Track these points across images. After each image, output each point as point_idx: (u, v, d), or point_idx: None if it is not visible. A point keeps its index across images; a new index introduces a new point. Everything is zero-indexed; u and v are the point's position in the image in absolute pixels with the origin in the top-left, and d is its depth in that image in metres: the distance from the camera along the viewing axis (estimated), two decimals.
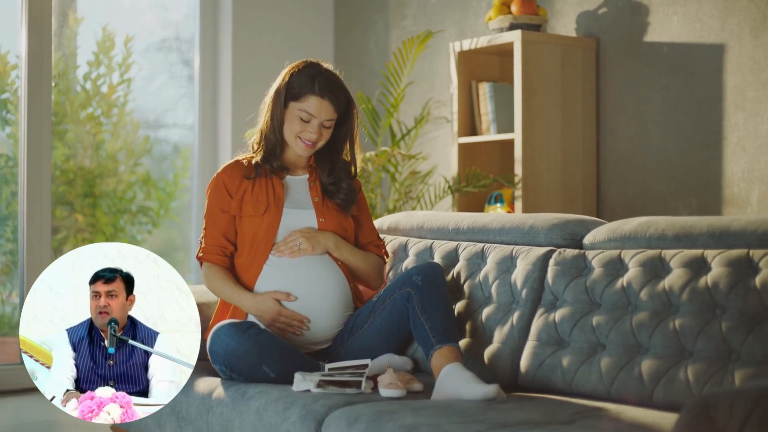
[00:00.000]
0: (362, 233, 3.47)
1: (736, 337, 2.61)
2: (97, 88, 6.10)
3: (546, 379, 2.97)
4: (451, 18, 5.20)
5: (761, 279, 2.62)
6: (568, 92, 4.53)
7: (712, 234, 2.83)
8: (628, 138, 4.49)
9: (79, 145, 6.08)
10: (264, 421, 2.84)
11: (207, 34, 5.78)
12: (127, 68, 6.12)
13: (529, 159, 4.44)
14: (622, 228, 3.06)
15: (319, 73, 3.31)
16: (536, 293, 3.11)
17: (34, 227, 5.21)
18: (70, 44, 6.09)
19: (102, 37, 6.07)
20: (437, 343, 3.00)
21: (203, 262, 3.36)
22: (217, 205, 3.34)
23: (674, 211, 4.30)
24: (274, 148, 3.37)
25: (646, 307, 2.82)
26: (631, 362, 2.77)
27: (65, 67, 6.07)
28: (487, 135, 4.63)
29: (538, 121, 4.46)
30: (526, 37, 4.44)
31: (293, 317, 3.23)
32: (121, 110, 6.20)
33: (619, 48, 4.53)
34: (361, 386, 2.90)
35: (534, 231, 3.26)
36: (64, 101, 6.03)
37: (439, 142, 5.20)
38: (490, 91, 4.62)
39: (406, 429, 2.49)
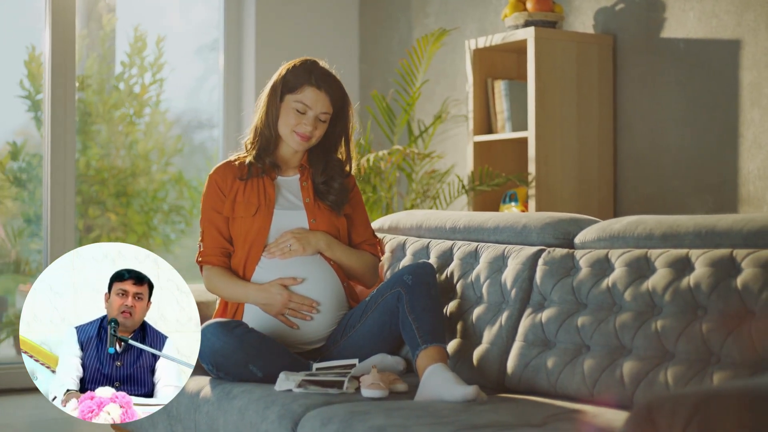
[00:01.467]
0: (356, 232, 3.45)
1: (716, 339, 2.55)
2: (130, 88, 6.16)
3: (531, 380, 2.93)
4: (472, 15, 5.17)
5: (742, 280, 2.56)
6: (583, 89, 4.47)
7: (699, 233, 2.78)
8: (646, 135, 4.42)
9: (112, 145, 6.14)
10: (245, 420, 2.84)
11: (231, 35, 5.80)
12: (159, 68, 6.17)
13: (543, 157, 4.39)
14: (612, 227, 3.01)
15: (315, 67, 3.33)
16: (525, 293, 3.07)
17: (57, 227, 5.26)
18: (103, 45, 6.16)
19: (134, 38, 6.13)
20: (423, 344, 2.98)
21: (203, 266, 3.35)
22: (212, 207, 3.35)
23: (690, 209, 4.23)
24: (268, 143, 3.36)
25: (629, 307, 2.77)
26: (614, 364, 2.73)
27: (99, 68, 6.13)
28: (502, 133, 4.59)
29: (553, 119, 4.41)
30: (540, 34, 4.39)
31: (303, 301, 3.22)
32: (154, 110, 6.25)
33: (635, 44, 4.46)
34: (343, 386, 2.89)
35: (527, 230, 3.22)
36: (98, 101, 6.10)
37: (458, 140, 5.16)
38: (505, 89, 4.57)
39: (376, 430, 2.47)
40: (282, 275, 3.25)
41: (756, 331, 2.46)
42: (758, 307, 2.51)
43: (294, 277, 3.23)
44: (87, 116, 6.14)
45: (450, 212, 3.56)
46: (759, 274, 2.54)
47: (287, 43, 5.76)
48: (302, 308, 3.23)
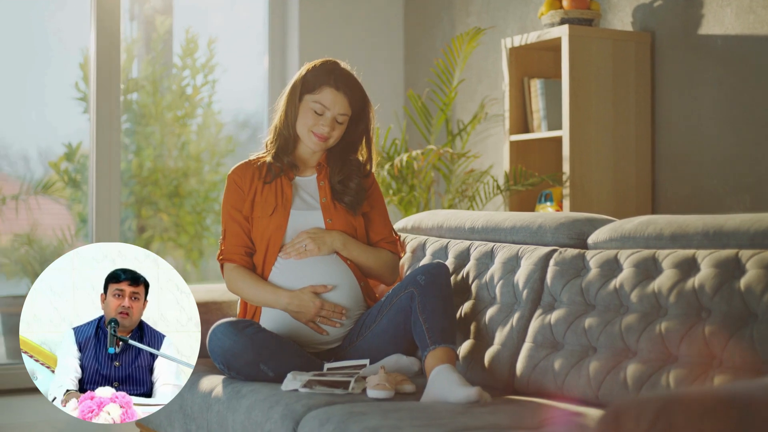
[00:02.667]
0: (374, 230, 3.44)
1: (719, 342, 2.49)
2: (182, 89, 6.23)
3: (539, 382, 2.90)
4: (513, 14, 5.13)
5: (746, 281, 2.50)
6: (619, 88, 4.41)
7: (707, 233, 2.72)
8: (684, 134, 4.34)
9: (165, 146, 6.22)
10: (251, 419, 2.85)
11: (275, 37, 5.83)
12: (211, 70, 6.23)
13: (578, 157, 4.33)
14: (623, 227, 2.97)
15: (335, 68, 3.34)
16: (536, 294, 3.04)
17: (103, 227, 5.34)
18: (157, 47, 6.23)
19: (186, 40, 6.20)
20: (432, 344, 2.97)
21: (225, 263, 3.36)
22: (232, 206, 3.36)
23: (728, 209, 4.14)
24: (287, 143, 3.37)
25: (636, 309, 2.73)
26: (618, 366, 2.68)
27: (153, 70, 6.22)
28: (538, 132, 4.55)
29: (588, 118, 4.35)
30: (574, 32, 4.34)
31: (335, 308, 3.23)
32: (206, 111, 6.32)
33: (674, 41, 4.39)
34: (349, 387, 2.88)
35: (542, 230, 3.19)
36: (151, 103, 6.18)
37: (497, 139, 5.13)
38: (541, 88, 4.53)
39: (369, 430, 2.47)
40: (298, 276, 3.26)
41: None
42: (760, 309, 2.45)
43: (325, 284, 3.23)
44: (141, 118, 6.23)
45: (470, 212, 3.54)
46: (762, 275, 2.48)
47: (331, 44, 5.77)
48: (333, 315, 3.23)
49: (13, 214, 6.15)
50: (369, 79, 5.68)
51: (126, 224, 6.30)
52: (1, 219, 6.12)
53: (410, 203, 4.57)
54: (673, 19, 4.38)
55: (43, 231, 6.19)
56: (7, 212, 6.12)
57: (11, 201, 6.14)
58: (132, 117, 6.27)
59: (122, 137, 6.22)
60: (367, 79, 5.66)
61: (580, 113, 4.34)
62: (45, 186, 6.16)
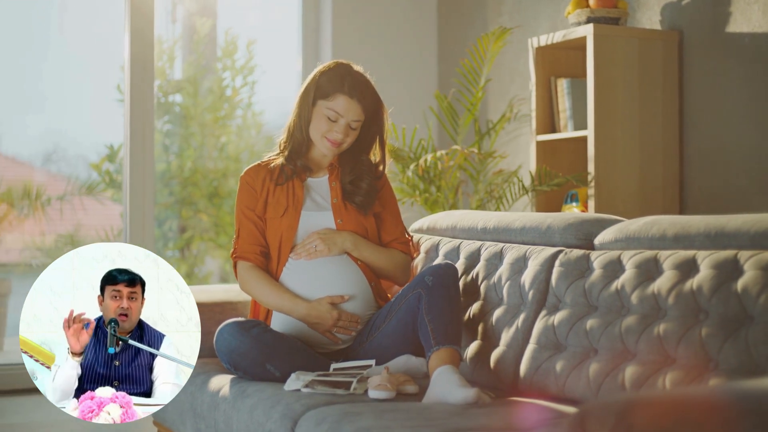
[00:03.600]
0: (386, 230, 3.44)
1: (714, 344, 2.46)
2: (222, 90, 6.28)
3: (541, 383, 2.88)
4: (544, 13, 5.10)
5: (743, 282, 2.46)
6: (646, 87, 4.36)
7: (708, 234, 2.68)
8: (713, 133, 4.28)
9: (205, 147, 6.27)
10: (254, 419, 2.87)
11: (309, 36, 5.85)
12: (250, 71, 6.28)
13: (603, 156, 4.29)
14: (628, 228, 2.94)
15: (348, 73, 3.32)
16: (542, 295, 3.02)
17: (136, 228, 5.39)
18: (198, 48, 6.29)
19: (225, 42, 6.25)
20: (436, 345, 2.96)
21: (238, 261, 3.37)
22: (246, 206, 3.37)
23: (756, 208, 4.07)
24: (300, 146, 3.38)
25: (636, 310, 2.70)
26: (617, 369, 2.66)
27: (194, 72, 6.28)
28: (564, 132, 4.51)
29: (613, 118, 4.31)
30: (599, 31, 4.30)
31: (352, 318, 3.24)
32: (245, 112, 6.37)
33: (702, 40, 4.33)
34: (350, 387, 2.89)
35: (550, 231, 3.16)
36: (192, 105, 6.24)
37: (526, 139, 5.10)
38: (568, 87, 4.50)
39: (361, 430, 2.47)
40: (309, 276, 3.27)
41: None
42: (756, 311, 2.41)
43: (342, 295, 3.24)
44: (182, 119, 6.30)
45: (483, 213, 3.52)
46: (759, 276, 2.44)
47: (363, 45, 5.77)
48: (350, 325, 3.24)
49: (58, 214, 6.25)
50: (401, 78, 5.71)
51: (167, 224, 6.38)
52: (46, 219, 6.22)
53: (435, 203, 4.56)
54: (701, 17, 4.32)
55: (86, 231, 6.28)
56: (51, 213, 6.22)
57: (56, 202, 6.24)
58: (173, 118, 6.34)
59: (163, 138, 6.29)
60: (399, 79, 5.70)
61: (606, 113, 4.30)
62: (89, 187, 6.25)
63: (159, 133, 6.30)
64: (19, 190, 6.12)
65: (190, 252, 6.29)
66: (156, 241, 6.36)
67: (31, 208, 6.16)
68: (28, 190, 6.15)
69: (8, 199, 6.11)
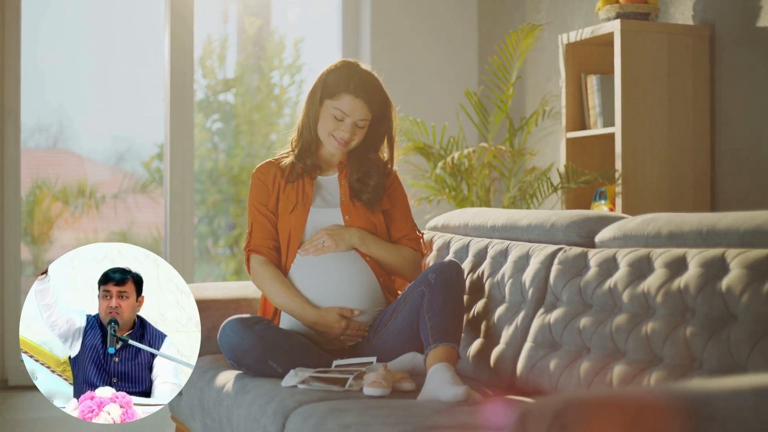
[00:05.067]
0: (395, 227, 3.44)
1: (698, 343, 2.43)
2: (270, 89, 6.34)
3: (536, 382, 2.87)
4: (580, 9, 5.05)
5: (728, 281, 2.42)
6: (675, 83, 4.30)
7: (700, 232, 2.64)
8: (746, 130, 4.20)
9: (254, 145, 6.34)
10: (251, 414, 2.90)
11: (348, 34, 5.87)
12: (298, 70, 6.32)
13: (630, 153, 4.24)
14: (626, 225, 2.90)
15: (355, 72, 3.32)
16: (541, 293, 3.00)
17: (176, 226, 5.46)
18: (247, 48, 6.36)
19: (274, 41, 6.30)
20: (434, 342, 2.96)
21: (251, 255, 3.39)
22: (259, 201, 3.40)
23: None
24: (309, 145, 3.41)
25: (626, 309, 2.67)
26: (606, 367, 2.63)
27: (243, 71, 6.34)
28: (594, 129, 4.47)
29: (641, 114, 4.25)
30: (627, 27, 4.25)
31: (358, 328, 3.26)
32: (293, 110, 6.41)
33: (734, 34, 4.25)
34: (346, 384, 2.90)
35: (554, 228, 3.14)
36: (241, 103, 6.31)
37: (558, 137, 5.06)
38: (597, 84, 4.45)
39: (342, 427, 2.49)
40: (316, 272, 3.28)
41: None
42: (739, 310, 2.37)
43: (352, 309, 3.26)
44: (232, 117, 6.37)
45: (494, 211, 3.51)
46: (744, 275, 2.40)
47: (403, 43, 5.77)
48: (357, 334, 3.26)
49: (112, 212, 6.36)
50: (441, 76, 5.70)
51: (216, 222, 6.45)
52: (99, 217, 6.34)
53: (464, 201, 4.55)
54: (732, 11, 4.24)
55: (138, 229, 6.38)
56: (105, 210, 6.34)
57: (111, 200, 6.35)
58: (223, 117, 6.42)
59: (212, 136, 6.37)
60: (439, 76, 5.70)
61: (633, 109, 4.24)
62: (143, 185, 6.35)
63: (208, 132, 6.38)
64: (74, 188, 6.25)
65: (239, 249, 6.36)
66: (206, 238, 6.45)
67: (85, 206, 6.28)
68: (83, 188, 6.26)
69: (63, 197, 6.24)
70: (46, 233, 6.25)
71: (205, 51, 6.20)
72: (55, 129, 6.29)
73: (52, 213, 6.24)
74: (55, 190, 6.20)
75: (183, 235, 5.42)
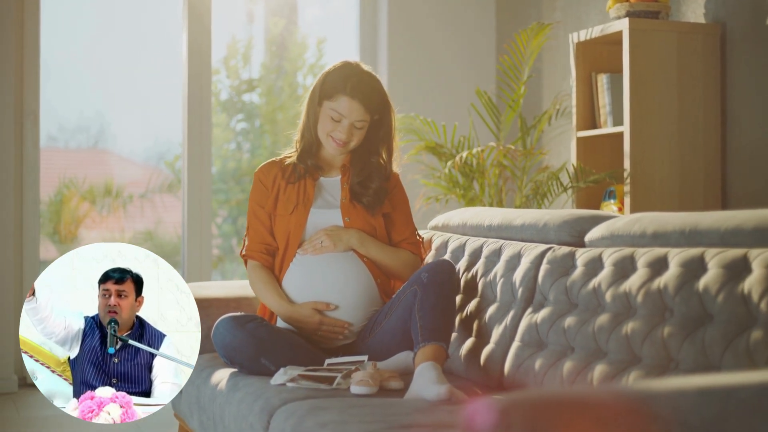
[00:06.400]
0: (396, 230, 3.46)
1: (675, 343, 2.41)
2: (293, 89, 6.36)
3: (521, 381, 2.87)
4: (595, 8, 5.02)
5: (705, 281, 2.41)
6: (685, 82, 4.26)
7: (683, 232, 2.63)
8: (757, 128, 4.16)
9: (278, 145, 6.37)
10: (240, 412, 2.92)
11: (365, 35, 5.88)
12: (320, 70, 6.33)
13: (639, 153, 4.21)
14: (615, 225, 2.89)
15: (353, 74, 3.33)
16: (530, 292, 3.00)
17: (194, 227, 5.50)
18: (271, 48, 6.39)
19: (297, 41, 6.32)
20: (422, 341, 2.97)
21: (247, 260, 3.45)
22: (257, 203, 3.44)
23: None
24: (310, 146, 3.43)
25: (609, 309, 2.67)
26: (588, 367, 2.63)
27: (266, 71, 6.38)
28: (605, 128, 4.45)
29: (650, 113, 4.23)
30: (636, 25, 4.22)
31: (334, 324, 3.27)
32: None
33: (745, 33, 4.21)
34: (334, 382, 2.91)
35: (546, 228, 3.14)
36: (264, 104, 6.34)
37: (570, 136, 5.03)
38: (607, 83, 4.43)
39: (319, 425, 2.51)
40: (313, 271, 3.30)
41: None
42: (715, 310, 2.36)
43: (328, 303, 3.28)
44: (256, 117, 6.40)
45: (491, 210, 3.51)
46: (720, 275, 2.38)
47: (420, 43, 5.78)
48: (334, 330, 3.27)
49: (138, 211, 6.42)
50: (459, 75, 5.69)
51: (239, 221, 6.49)
52: (126, 216, 6.40)
53: (473, 200, 4.55)
54: (743, 9, 4.21)
55: (164, 228, 6.44)
56: (132, 210, 6.40)
57: (138, 199, 6.41)
58: (247, 117, 6.45)
59: (236, 136, 6.41)
60: (457, 75, 5.68)
61: (642, 108, 4.22)
62: (170, 185, 6.41)
63: (232, 132, 6.42)
64: (101, 187, 6.31)
65: None
66: (230, 237, 6.49)
67: (111, 206, 6.35)
68: (109, 187, 6.33)
69: (90, 197, 6.31)
70: (74, 232, 6.32)
71: (230, 51, 6.24)
72: (95, 130, 6.37)
73: (80, 212, 6.32)
74: (83, 190, 6.27)
75: (201, 236, 5.46)
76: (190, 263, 5.52)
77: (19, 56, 5.27)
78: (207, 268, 5.47)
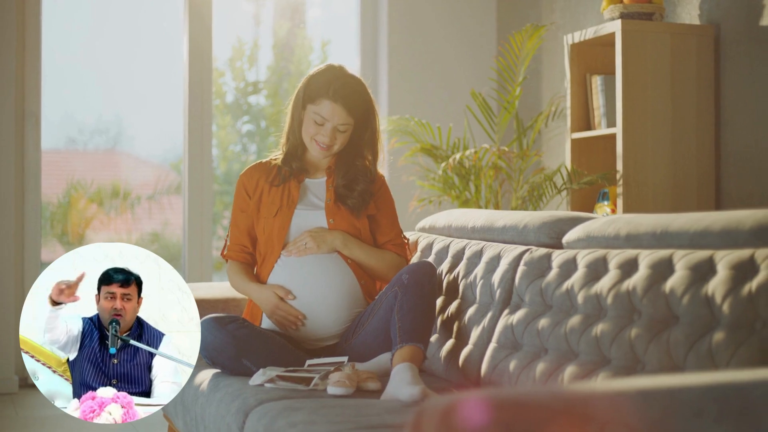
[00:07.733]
0: (381, 232, 3.46)
1: (641, 345, 2.42)
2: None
3: (497, 383, 2.87)
4: (592, 9, 5.02)
5: (671, 283, 2.41)
6: (679, 84, 4.25)
7: (654, 234, 2.63)
8: (751, 130, 4.14)
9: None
10: (219, 412, 2.94)
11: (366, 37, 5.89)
12: None
13: (632, 154, 4.21)
14: (591, 226, 2.90)
15: (336, 78, 3.34)
16: (508, 294, 3.01)
17: (195, 231, 5.52)
18: (275, 50, 6.41)
19: (301, 43, 6.34)
20: (400, 342, 2.98)
21: (228, 260, 3.49)
22: (238, 206, 3.48)
23: None
24: (295, 149, 3.45)
25: (581, 310, 2.67)
26: (559, 369, 2.64)
27: (271, 74, 6.40)
28: (598, 130, 4.44)
29: (643, 115, 4.22)
30: (628, 27, 4.22)
31: (289, 312, 3.29)
32: None
33: (739, 34, 4.19)
34: (311, 383, 2.93)
35: (526, 230, 3.14)
36: (270, 106, 6.36)
37: (565, 138, 5.03)
38: (601, 84, 4.42)
39: (289, 425, 2.52)
40: (296, 272, 3.32)
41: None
42: (680, 311, 2.36)
43: (289, 291, 3.30)
44: (262, 119, 6.43)
45: (475, 212, 3.51)
46: (687, 276, 2.39)
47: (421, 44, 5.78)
48: (288, 318, 3.29)
49: (146, 213, 6.45)
50: (460, 78, 5.69)
51: None
52: (133, 218, 6.43)
53: (467, 202, 4.55)
54: (737, 11, 4.19)
55: (172, 229, 6.47)
56: (139, 212, 6.44)
57: (146, 201, 6.45)
58: (252, 119, 6.48)
59: (241, 138, 6.44)
60: (458, 78, 5.69)
61: (635, 109, 4.21)
62: (177, 187, 6.44)
63: (238, 134, 6.45)
64: (108, 189, 6.35)
65: None
66: None
67: (119, 208, 6.38)
68: (117, 189, 6.37)
69: (98, 199, 6.34)
70: (81, 234, 6.36)
71: (235, 53, 6.26)
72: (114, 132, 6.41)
73: (88, 214, 6.36)
74: (90, 192, 6.31)
75: (201, 238, 5.49)
76: (191, 264, 5.55)
77: (21, 59, 5.32)
78: (208, 270, 5.50)
